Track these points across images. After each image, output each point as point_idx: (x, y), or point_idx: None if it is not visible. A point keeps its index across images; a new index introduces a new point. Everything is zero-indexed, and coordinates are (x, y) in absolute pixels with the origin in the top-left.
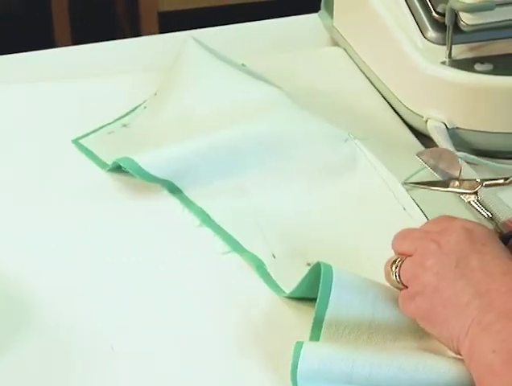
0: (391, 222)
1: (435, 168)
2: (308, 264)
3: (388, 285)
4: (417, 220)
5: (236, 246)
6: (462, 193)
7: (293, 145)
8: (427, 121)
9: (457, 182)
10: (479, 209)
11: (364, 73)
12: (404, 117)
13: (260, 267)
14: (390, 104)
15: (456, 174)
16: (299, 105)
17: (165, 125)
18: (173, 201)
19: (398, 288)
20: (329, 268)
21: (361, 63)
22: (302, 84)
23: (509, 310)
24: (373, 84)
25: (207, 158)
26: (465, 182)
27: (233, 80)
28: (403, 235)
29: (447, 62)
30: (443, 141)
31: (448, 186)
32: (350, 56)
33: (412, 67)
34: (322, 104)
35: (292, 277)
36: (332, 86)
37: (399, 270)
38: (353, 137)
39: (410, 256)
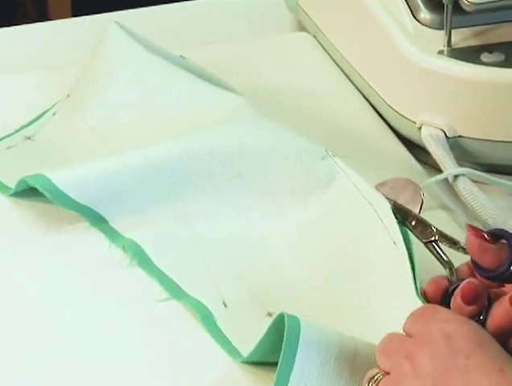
0: (379, 261)
1: (394, 202)
2: (269, 315)
3: (371, 343)
4: (403, 256)
5: (176, 291)
6: (416, 236)
7: (252, 163)
8: (420, 128)
9: (414, 222)
10: (436, 254)
11: (339, 66)
12: (391, 122)
13: (207, 319)
14: (372, 106)
15: (416, 210)
16: (259, 112)
17: (83, 138)
18: (96, 234)
19: None
20: (296, 321)
21: (335, 53)
22: (261, 82)
23: None
24: (350, 80)
25: (139, 178)
26: (421, 225)
27: (171, 79)
28: (382, 346)
29: (445, 51)
30: (440, 154)
31: (406, 219)
32: (321, 44)
33: (401, 58)
34: (287, 105)
35: (249, 333)
36: (300, 83)
37: None
38: (332, 155)
39: (387, 373)
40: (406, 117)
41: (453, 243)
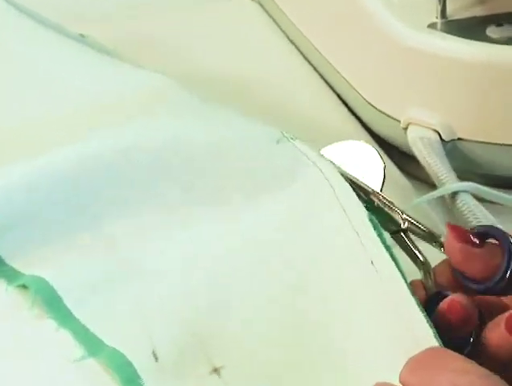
0: (352, 289)
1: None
2: (215, 371)
3: None
4: (389, 284)
5: (94, 345)
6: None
7: (186, 161)
8: (406, 129)
9: (376, 201)
10: (406, 249)
11: (295, 45)
12: (367, 120)
13: (131, 382)
14: (341, 99)
15: (377, 186)
16: (195, 96)
17: None
18: None
19: None
20: None
21: (290, 26)
22: (195, 65)
23: None
24: (310, 63)
25: (39, 194)
26: (385, 208)
27: (73, 60)
28: None
29: (439, 24)
30: (434, 163)
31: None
32: (270, 15)
33: (379, 34)
34: (229, 94)
35: None
36: (244, 66)
37: None
38: (291, 137)
39: None
40: (387, 114)
41: (429, 237)
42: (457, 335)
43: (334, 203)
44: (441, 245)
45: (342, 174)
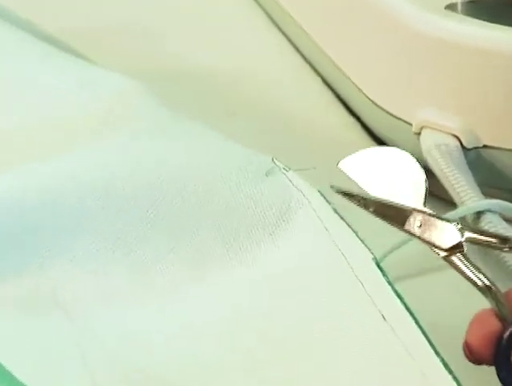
0: (358, 351)
1: (379, 201)
2: None
3: None
4: (407, 342)
5: None
6: (429, 244)
7: (153, 197)
8: (419, 134)
9: (419, 219)
10: (464, 270)
11: (287, 36)
12: (371, 123)
13: None
14: (340, 98)
15: (419, 202)
16: (163, 104)
17: None
18: None
19: None
20: None
21: (278, 10)
22: (162, 58)
23: None
24: (303, 55)
25: None
26: (433, 222)
27: (41, 69)
28: None
29: (459, 6)
30: (453, 175)
31: (403, 223)
32: (259, 3)
33: (387, 19)
34: (205, 93)
35: None
36: (224, 58)
37: None
38: (283, 167)
39: None
40: (396, 116)
41: (500, 241)
42: None
43: (331, 250)
44: None
45: (336, 211)
